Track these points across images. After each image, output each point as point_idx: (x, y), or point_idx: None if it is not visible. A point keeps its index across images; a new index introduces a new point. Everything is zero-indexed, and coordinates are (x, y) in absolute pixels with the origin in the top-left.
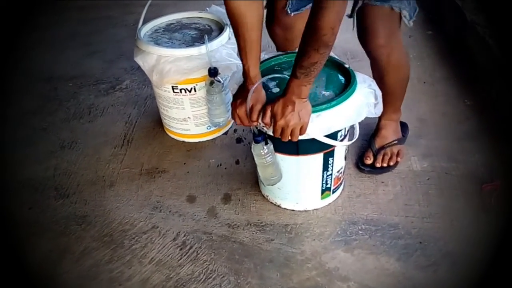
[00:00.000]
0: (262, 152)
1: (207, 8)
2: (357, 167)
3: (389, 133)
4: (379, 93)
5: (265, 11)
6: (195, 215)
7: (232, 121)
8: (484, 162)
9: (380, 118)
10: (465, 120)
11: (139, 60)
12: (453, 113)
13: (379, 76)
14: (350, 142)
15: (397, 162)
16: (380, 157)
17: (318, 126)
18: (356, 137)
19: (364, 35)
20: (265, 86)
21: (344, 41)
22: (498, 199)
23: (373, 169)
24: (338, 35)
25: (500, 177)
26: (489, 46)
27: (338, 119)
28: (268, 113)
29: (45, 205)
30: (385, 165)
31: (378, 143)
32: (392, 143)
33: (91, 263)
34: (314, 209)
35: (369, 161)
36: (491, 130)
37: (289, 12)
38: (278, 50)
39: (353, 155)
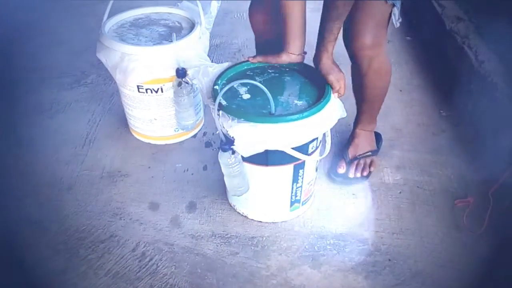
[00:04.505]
0: (229, 161)
1: (178, 4)
2: (329, 176)
3: (363, 143)
4: None
5: None
6: (157, 224)
7: (202, 124)
8: (457, 176)
9: (354, 126)
10: (440, 132)
11: (102, 56)
12: (429, 124)
13: (358, 81)
14: (321, 157)
15: (369, 173)
16: (353, 167)
17: (289, 137)
18: (327, 151)
19: (350, 33)
20: (235, 92)
21: None
22: (471, 216)
23: (345, 179)
24: None
25: (474, 194)
26: (468, 56)
27: (311, 130)
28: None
29: None
30: (358, 175)
31: (351, 152)
32: (366, 154)
33: (43, 272)
34: (283, 221)
35: (342, 170)
36: (466, 143)
37: None
38: (258, 40)
39: (325, 163)
